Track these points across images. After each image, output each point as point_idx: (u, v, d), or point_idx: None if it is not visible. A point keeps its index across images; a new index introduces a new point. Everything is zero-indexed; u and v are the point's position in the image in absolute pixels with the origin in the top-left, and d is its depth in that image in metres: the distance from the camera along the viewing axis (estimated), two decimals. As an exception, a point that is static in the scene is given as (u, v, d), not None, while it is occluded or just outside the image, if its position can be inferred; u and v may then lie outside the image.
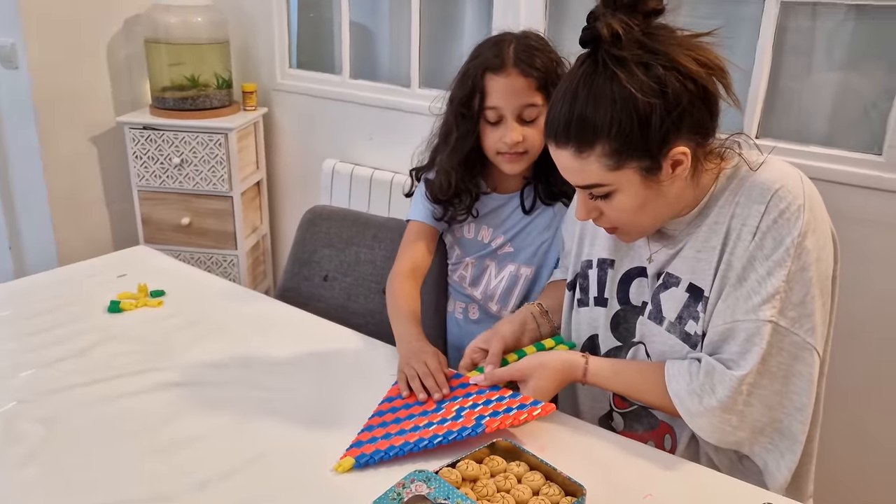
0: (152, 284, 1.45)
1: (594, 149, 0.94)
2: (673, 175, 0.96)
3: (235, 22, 2.62)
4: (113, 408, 1.06)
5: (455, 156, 1.33)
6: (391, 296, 1.34)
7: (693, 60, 0.92)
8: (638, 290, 1.11)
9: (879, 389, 1.70)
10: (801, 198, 0.94)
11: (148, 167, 2.48)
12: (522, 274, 1.42)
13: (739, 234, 0.97)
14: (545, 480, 0.90)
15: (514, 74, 1.24)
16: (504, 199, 1.42)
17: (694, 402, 0.97)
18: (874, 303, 1.65)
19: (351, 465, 0.95)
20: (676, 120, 0.92)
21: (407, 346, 1.20)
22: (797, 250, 0.93)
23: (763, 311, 0.94)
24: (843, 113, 1.69)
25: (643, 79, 0.90)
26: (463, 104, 1.29)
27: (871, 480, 1.75)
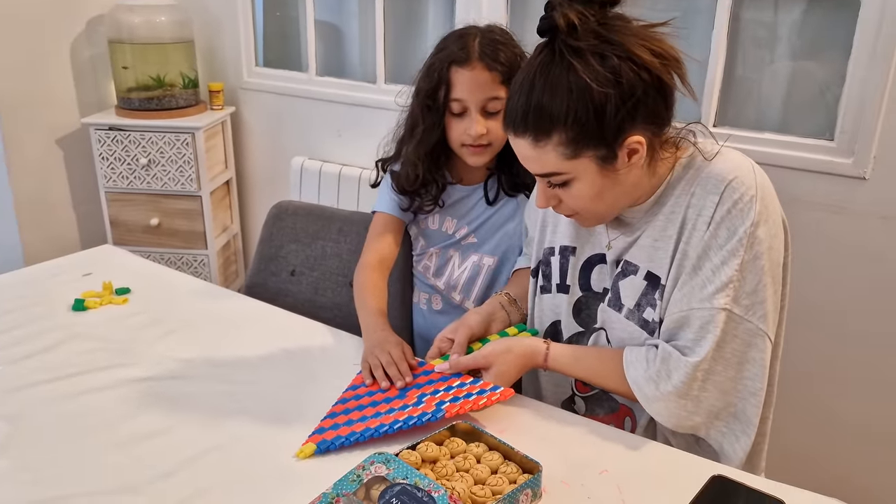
0: (118, 282, 1.45)
1: (551, 138, 0.95)
2: (629, 164, 0.98)
3: (200, 21, 2.61)
4: (77, 404, 1.07)
5: (421, 147, 1.35)
6: (358, 287, 1.36)
7: (648, 51, 0.93)
8: (599, 276, 1.14)
9: (832, 370, 1.75)
10: (754, 188, 0.96)
11: (115, 168, 2.46)
12: (485, 264, 1.44)
13: (695, 224, 0.99)
14: (503, 460, 0.92)
15: (478, 68, 1.26)
16: (468, 191, 1.44)
17: (651, 387, 1.00)
18: (827, 285, 1.70)
19: (312, 451, 0.96)
20: (631, 110, 0.93)
21: (372, 336, 1.22)
22: (750, 240, 0.96)
23: (717, 300, 0.96)
24: (796, 100, 1.73)
25: (598, 69, 0.91)
26: (429, 96, 1.31)
27: (821, 455, 1.80)
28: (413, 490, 0.82)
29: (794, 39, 1.71)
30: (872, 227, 1.62)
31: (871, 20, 1.52)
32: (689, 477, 0.90)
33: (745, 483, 0.90)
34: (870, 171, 1.59)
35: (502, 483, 0.87)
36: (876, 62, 1.53)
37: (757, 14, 1.73)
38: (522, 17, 2.06)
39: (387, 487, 0.82)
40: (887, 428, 1.72)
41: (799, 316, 1.72)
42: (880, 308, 1.65)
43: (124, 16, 2.44)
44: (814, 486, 0.91)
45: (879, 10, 1.50)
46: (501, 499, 0.83)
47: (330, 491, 0.85)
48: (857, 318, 1.69)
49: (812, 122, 1.70)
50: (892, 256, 1.61)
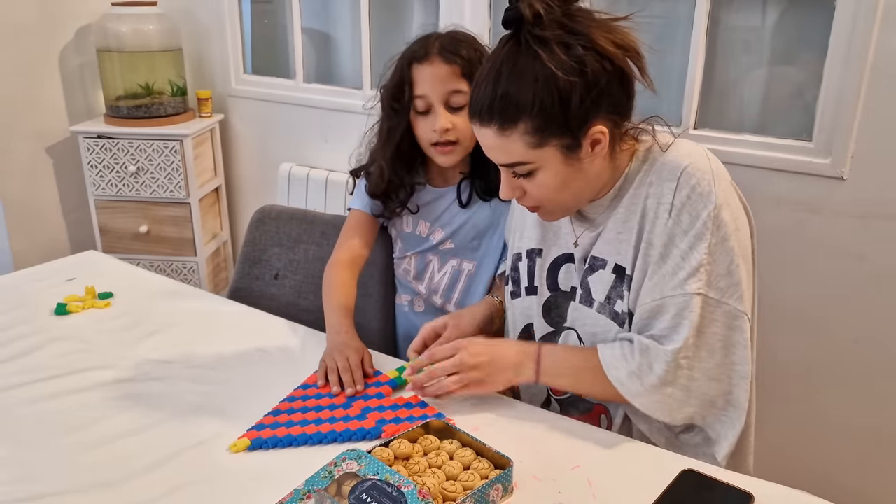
0: (101, 287, 1.46)
1: (517, 126, 0.96)
2: (592, 154, 0.99)
3: (188, 29, 2.63)
4: (56, 405, 1.08)
5: (387, 148, 1.36)
6: (327, 285, 1.37)
7: (611, 42, 0.95)
8: (566, 275, 1.14)
9: (818, 368, 1.76)
10: (709, 173, 0.98)
11: (104, 176, 2.48)
12: (465, 269, 1.45)
13: (656, 212, 1.00)
14: (476, 456, 0.93)
15: (437, 62, 1.28)
16: (439, 193, 1.44)
17: (635, 384, 1.00)
18: (807, 284, 1.72)
19: (245, 447, 0.98)
20: (595, 99, 0.95)
21: (335, 338, 1.23)
22: (715, 222, 0.96)
23: (690, 285, 0.96)
24: (774, 102, 1.75)
25: (564, 58, 0.92)
26: (393, 98, 1.33)
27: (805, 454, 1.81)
28: (383, 485, 0.82)
29: (771, 42, 1.73)
30: (851, 226, 1.63)
31: (845, 22, 1.54)
32: (660, 471, 0.92)
33: (715, 477, 0.91)
34: (847, 171, 1.60)
35: (474, 479, 0.88)
36: (851, 63, 1.54)
37: (735, 18, 1.75)
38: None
39: (357, 483, 0.83)
40: (869, 425, 1.73)
41: (780, 315, 1.74)
42: (861, 306, 1.67)
43: (112, 24, 2.46)
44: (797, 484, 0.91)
45: (853, 12, 1.52)
46: (471, 493, 0.84)
47: (301, 487, 0.86)
48: (837, 316, 1.70)
49: (790, 123, 1.72)
50: (872, 255, 1.63)
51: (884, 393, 1.69)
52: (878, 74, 1.52)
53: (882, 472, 1.75)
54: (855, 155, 1.59)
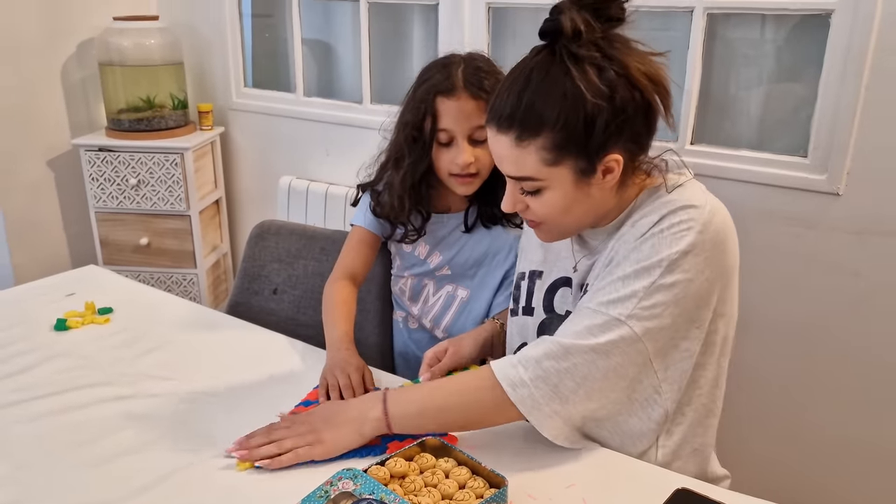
0: (101, 302, 1.47)
1: (536, 139, 0.94)
2: (603, 181, 0.97)
3: (189, 43, 2.65)
4: (55, 422, 1.08)
5: (408, 179, 1.34)
6: (327, 301, 1.37)
7: (643, 73, 0.94)
8: (562, 299, 1.13)
9: (812, 383, 1.76)
10: (699, 222, 0.94)
11: (105, 188, 2.49)
12: (459, 295, 1.46)
13: (627, 239, 0.99)
14: (471, 475, 0.93)
15: (464, 97, 1.26)
16: (444, 218, 1.44)
17: (518, 371, 0.96)
18: (804, 299, 1.72)
19: (252, 465, 0.98)
20: (619, 127, 0.93)
21: (336, 354, 1.23)
22: (670, 266, 0.93)
23: (614, 308, 0.94)
24: (771, 118, 1.77)
25: (595, 80, 0.91)
26: (415, 128, 1.31)
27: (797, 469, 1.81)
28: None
29: (768, 58, 1.75)
30: (847, 241, 1.64)
31: (840, 40, 1.55)
32: (655, 490, 0.92)
33: (708, 496, 0.91)
34: (843, 187, 1.61)
35: (469, 498, 0.89)
36: (847, 80, 1.56)
37: (732, 34, 1.76)
38: (504, 39, 2.10)
39: (353, 502, 0.84)
40: (863, 440, 1.73)
41: (774, 329, 1.75)
42: (856, 322, 1.67)
43: (115, 38, 2.48)
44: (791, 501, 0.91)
45: (849, 30, 1.54)
46: (466, 513, 0.85)
47: (297, 506, 0.86)
48: (833, 331, 1.70)
49: (786, 139, 1.73)
50: (867, 271, 1.64)
51: (879, 409, 1.70)
52: (873, 92, 1.53)
53: (879, 487, 1.75)
54: (850, 171, 1.60)
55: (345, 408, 1.04)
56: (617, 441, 1.04)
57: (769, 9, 1.67)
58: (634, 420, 1.02)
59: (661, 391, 0.99)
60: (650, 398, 1.00)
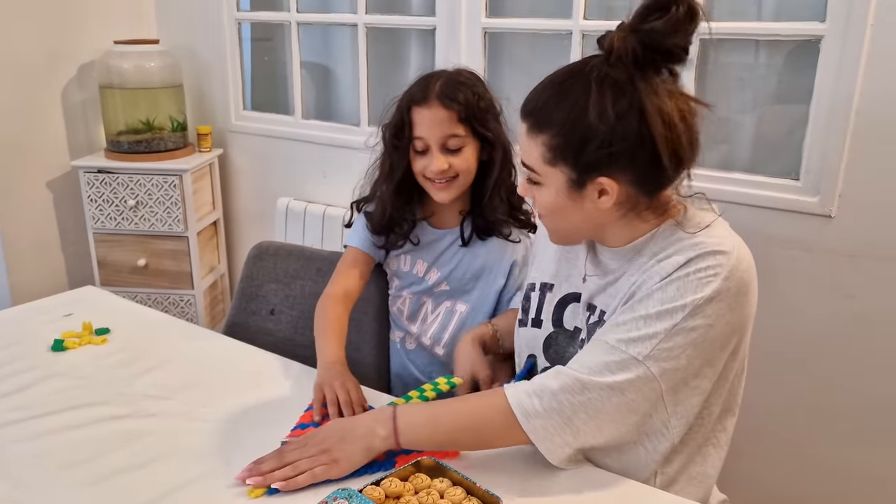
0: (99, 323, 1.47)
1: (541, 135, 0.98)
2: (598, 200, 0.98)
3: (189, 66, 2.68)
4: (52, 441, 1.08)
5: (389, 184, 1.40)
6: (320, 315, 1.39)
7: (661, 117, 0.92)
8: (572, 314, 1.13)
9: (806, 406, 1.77)
10: (726, 269, 0.94)
11: (103, 210, 2.50)
12: (458, 310, 1.47)
13: (651, 275, 0.98)
14: (466, 495, 0.94)
15: (436, 106, 1.32)
16: (440, 234, 1.47)
17: (534, 401, 0.97)
18: (798, 321, 1.73)
19: (263, 492, 0.97)
20: (613, 156, 0.93)
21: (330, 368, 1.24)
22: (693, 311, 0.93)
23: (633, 348, 0.94)
24: (763, 141, 1.79)
25: (606, 104, 0.92)
26: (394, 136, 1.37)
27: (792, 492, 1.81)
28: (373, 524, 0.83)
29: (761, 83, 1.77)
30: (840, 264, 1.66)
31: (831, 65, 1.58)
32: (649, 510, 0.92)
33: (702, 516, 0.92)
34: (835, 210, 1.63)
35: (464, 517, 0.89)
36: (836, 105, 1.58)
37: (725, 58, 1.79)
38: (500, 63, 2.13)
39: (348, 522, 0.84)
40: (856, 462, 1.73)
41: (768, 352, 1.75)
42: (850, 343, 1.68)
43: (115, 61, 2.51)
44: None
45: (838, 56, 1.56)
46: (461, 533, 0.85)
47: (293, 526, 0.86)
48: (827, 353, 1.71)
49: (779, 162, 1.75)
50: (861, 293, 1.65)
51: (874, 431, 1.70)
52: (863, 116, 1.56)
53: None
54: (842, 194, 1.62)
55: (353, 426, 1.04)
56: (618, 468, 1.04)
57: (761, 35, 1.70)
58: (640, 450, 1.03)
59: (669, 426, 1.00)
60: (658, 431, 1.01)
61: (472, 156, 1.36)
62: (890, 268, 1.60)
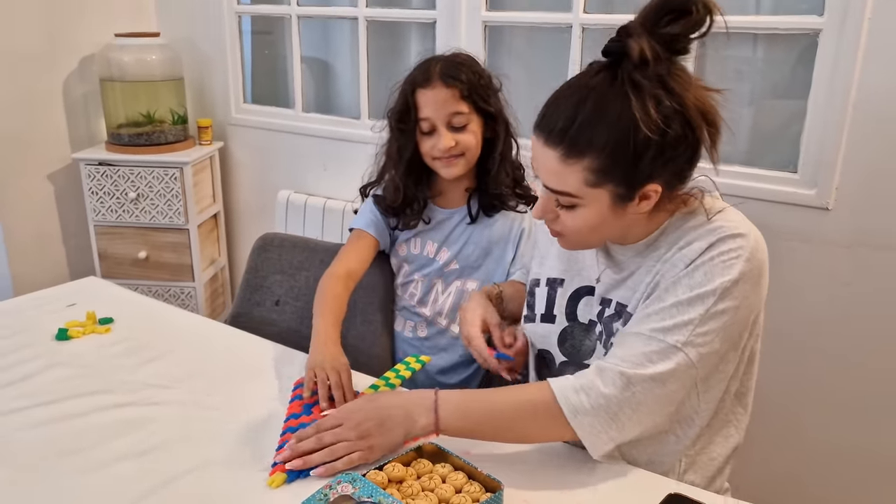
0: (102, 313, 1.48)
1: (582, 160, 0.94)
2: (638, 206, 0.98)
3: (190, 59, 2.69)
4: (57, 428, 1.10)
5: (400, 166, 1.45)
6: (320, 293, 1.41)
7: (699, 112, 0.93)
8: (586, 307, 1.13)
9: (805, 393, 1.79)
10: (747, 250, 0.95)
11: (104, 202, 2.51)
12: (468, 288, 1.51)
13: (674, 262, 0.99)
14: (468, 480, 0.95)
15: (438, 86, 1.37)
16: (448, 214, 1.51)
17: (581, 397, 0.96)
18: (796, 311, 1.75)
19: (283, 480, 0.98)
20: (666, 162, 0.93)
21: (323, 348, 1.25)
22: (723, 294, 0.94)
23: (672, 336, 0.95)
24: (762, 134, 1.80)
25: (653, 112, 0.90)
26: (400, 120, 1.42)
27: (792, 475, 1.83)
28: (377, 507, 0.85)
29: (759, 76, 1.78)
30: (837, 255, 1.67)
31: (828, 58, 1.59)
32: (648, 495, 0.94)
33: (700, 501, 0.93)
34: (832, 202, 1.65)
35: (465, 502, 0.90)
36: (834, 98, 1.59)
37: (723, 52, 1.80)
38: (499, 55, 2.13)
39: (352, 505, 0.86)
40: (855, 448, 1.75)
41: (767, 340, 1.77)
42: (847, 333, 1.70)
43: (116, 55, 2.51)
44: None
45: (835, 49, 1.58)
46: (463, 516, 0.87)
47: (297, 509, 0.88)
48: (824, 342, 1.73)
49: (777, 155, 1.76)
50: (858, 284, 1.66)
51: (872, 417, 1.72)
52: (860, 109, 1.57)
53: (871, 493, 1.77)
54: (839, 186, 1.63)
55: (392, 412, 1.02)
56: (646, 457, 1.05)
57: (759, 29, 1.71)
58: (671, 438, 1.04)
59: (699, 411, 1.02)
60: (689, 418, 1.03)
61: (476, 132, 1.41)
62: (886, 257, 1.62)
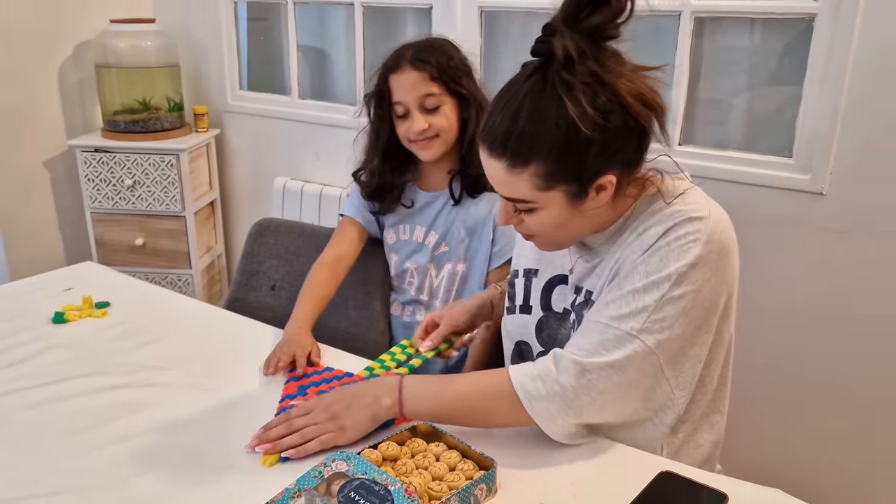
0: (98, 297, 1.49)
1: (527, 167, 0.94)
2: (596, 198, 0.98)
3: (185, 46, 2.68)
4: (54, 409, 1.10)
5: (376, 151, 1.49)
6: (307, 280, 1.48)
7: (637, 98, 0.92)
8: (560, 296, 1.14)
9: (796, 377, 1.80)
10: (704, 233, 0.95)
11: (100, 189, 2.51)
12: (458, 271, 1.52)
13: (633, 249, 0.99)
14: (461, 458, 0.96)
15: (408, 70, 1.39)
16: (432, 197, 1.53)
17: (537, 385, 0.97)
18: (789, 297, 1.76)
19: (277, 459, 0.99)
20: (612, 154, 0.93)
21: (289, 330, 1.35)
22: (679, 279, 0.94)
23: (626, 323, 0.95)
24: (757, 119, 1.81)
25: (588, 110, 0.90)
26: (377, 105, 1.47)
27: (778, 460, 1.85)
28: (371, 484, 0.86)
29: (755, 61, 1.79)
30: (831, 240, 1.68)
31: (823, 43, 1.60)
32: (640, 473, 0.95)
33: (691, 478, 0.94)
34: (827, 187, 1.65)
35: (459, 479, 0.91)
36: (829, 83, 1.60)
37: (720, 37, 1.80)
38: (495, 40, 2.13)
39: (346, 482, 0.86)
40: (845, 431, 1.77)
41: (765, 324, 1.79)
42: (839, 317, 1.71)
43: (111, 41, 2.51)
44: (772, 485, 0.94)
45: (830, 33, 1.58)
46: (456, 493, 0.87)
47: (292, 486, 0.89)
48: (816, 327, 1.74)
49: (772, 139, 1.77)
50: (851, 269, 1.67)
51: (859, 400, 1.73)
52: (855, 94, 1.57)
53: (862, 476, 1.78)
54: (834, 171, 1.64)
55: (360, 394, 1.05)
56: (629, 444, 1.05)
57: (755, 13, 1.71)
58: (648, 425, 1.04)
59: (674, 397, 1.02)
60: (664, 405, 1.03)
61: (450, 113, 1.42)
62: (879, 243, 1.63)
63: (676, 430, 1.06)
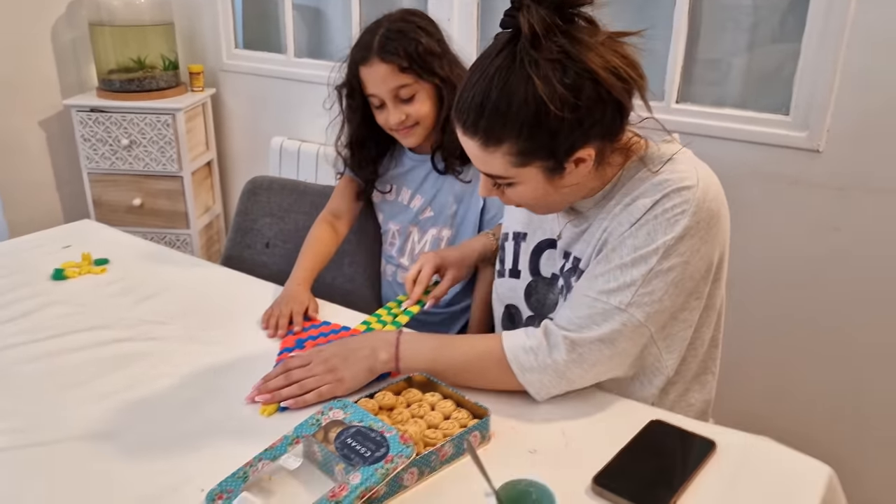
0: (97, 254, 1.50)
1: (501, 146, 0.93)
2: (576, 170, 0.97)
3: (180, 3, 2.65)
4: (54, 362, 1.12)
5: (353, 140, 1.48)
6: (308, 237, 1.49)
7: (612, 73, 0.90)
8: (548, 261, 1.15)
9: (795, 337, 1.82)
10: (693, 203, 0.94)
11: (97, 149, 2.50)
12: (444, 236, 1.51)
13: (621, 221, 0.99)
14: (455, 407, 0.98)
15: (376, 63, 1.33)
16: (420, 160, 1.51)
17: (529, 357, 0.99)
18: (785, 254, 1.77)
19: (275, 409, 1.02)
20: (586, 130, 0.92)
21: (288, 286, 1.35)
22: (666, 252, 0.94)
23: (614, 297, 0.96)
24: (754, 77, 1.80)
25: (558, 87, 0.87)
26: (349, 95, 1.42)
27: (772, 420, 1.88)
28: (367, 431, 0.88)
29: (753, 19, 1.77)
30: (828, 197, 1.68)
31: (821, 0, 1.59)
32: (631, 422, 0.97)
33: (680, 426, 0.96)
34: (823, 144, 1.65)
35: (453, 427, 0.93)
36: (827, 40, 1.59)
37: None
38: (494, 11, 2.11)
39: (343, 429, 0.88)
40: (839, 390, 1.79)
41: (759, 280, 1.80)
42: (835, 275, 1.72)
43: (104, -2, 2.48)
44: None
45: (830, -13, 1.57)
46: (451, 439, 0.89)
47: (291, 433, 0.91)
48: (812, 285, 1.76)
49: (770, 97, 1.76)
50: (847, 226, 1.68)
51: (855, 352, 1.76)
52: (853, 51, 1.56)
53: (855, 435, 1.81)
54: (831, 129, 1.64)
55: (357, 347, 1.06)
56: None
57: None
58: (636, 386, 1.06)
59: (662, 359, 1.04)
60: (652, 367, 1.04)
61: (427, 99, 1.37)
62: (876, 200, 1.63)
63: (667, 391, 1.08)
